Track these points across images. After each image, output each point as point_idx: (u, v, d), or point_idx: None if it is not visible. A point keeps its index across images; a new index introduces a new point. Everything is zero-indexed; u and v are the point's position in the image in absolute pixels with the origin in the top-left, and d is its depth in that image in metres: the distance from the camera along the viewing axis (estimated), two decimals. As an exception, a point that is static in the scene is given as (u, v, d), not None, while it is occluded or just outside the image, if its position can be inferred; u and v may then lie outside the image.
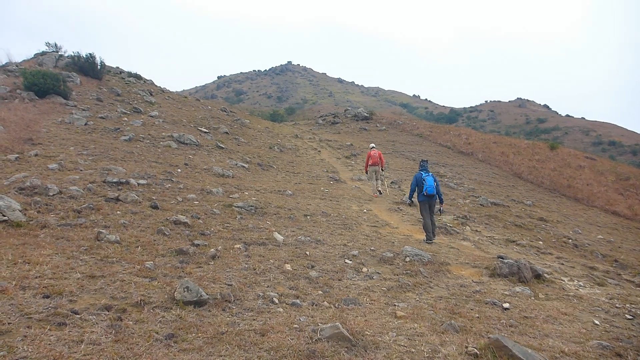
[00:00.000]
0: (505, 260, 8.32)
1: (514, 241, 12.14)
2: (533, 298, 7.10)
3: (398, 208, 14.27)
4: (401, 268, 7.92)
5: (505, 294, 7.13)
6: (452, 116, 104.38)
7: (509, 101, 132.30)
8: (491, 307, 6.37)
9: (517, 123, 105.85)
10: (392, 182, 18.69)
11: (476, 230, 12.68)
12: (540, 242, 12.70)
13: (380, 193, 16.43)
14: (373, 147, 17.27)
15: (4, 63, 25.38)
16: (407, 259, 8.32)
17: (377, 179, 16.62)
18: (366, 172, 17.11)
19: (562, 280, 8.66)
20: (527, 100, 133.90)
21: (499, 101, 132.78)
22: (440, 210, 11.26)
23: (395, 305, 6.11)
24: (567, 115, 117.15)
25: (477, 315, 5.95)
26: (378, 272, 7.59)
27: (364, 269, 7.69)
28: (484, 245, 11.20)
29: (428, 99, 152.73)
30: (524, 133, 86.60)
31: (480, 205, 16.08)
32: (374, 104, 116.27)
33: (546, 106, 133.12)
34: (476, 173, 23.71)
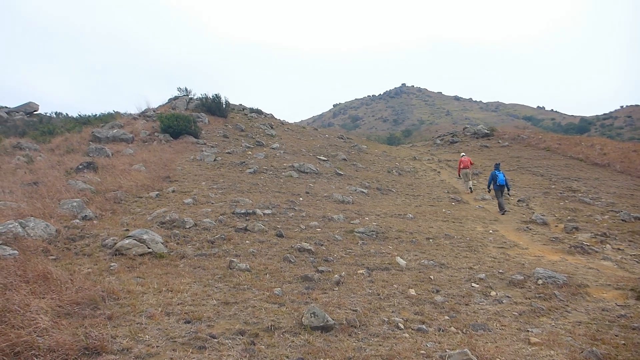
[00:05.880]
0: (656, 281, 7.49)
1: (665, 259, 10.88)
2: (692, 323, 6.30)
3: (527, 227, 13.48)
4: (533, 291, 7.45)
5: (658, 318, 6.41)
6: (582, 126, 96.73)
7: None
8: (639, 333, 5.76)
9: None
10: (519, 200, 17.75)
11: (618, 249, 11.55)
12: (699, 260, 11.26)
13: (472, 190, 19.95)
14: (464, 155, 21.59)
15: (143, 110, 28.31)
16: (540, 282, 7.81)
17: (468, 179, 20.47)
18: (459, 175, 21.24)
19: None
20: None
21: (638, 105, 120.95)
22: (508, 194, 16.92)
23: (528, 330, 5.76)
24: None
25: (623, 342, 5.41)
26: (508, 296, 7.22)
27: (493, 293, 7.35)
28: (628, 264, 10.17)
29: (554, 110, 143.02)
30: (671, 138, 77.71)
31: (622, 220, 14.65)
32: (495, 119, 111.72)
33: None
34: (615, 186, 21.70)
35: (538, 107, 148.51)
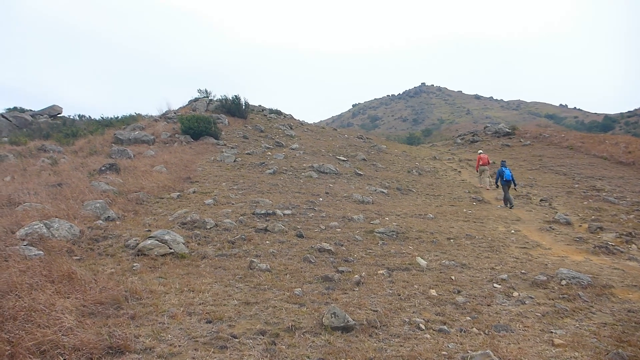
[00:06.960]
0: (684, 282, 7.32)
1: (693, 260, 10.61)
2: None
3: (550, 227, 13.28)
4: (557, 292, 7.34)
5: (686, 320, 6.25)
6: (606, 123, 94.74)
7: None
8: (669, 336, 5.62)
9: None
10: (541, 200, 17.50)
11: (645, 249, 11.32)
12: None
13: (481, 184, 21.16)
14: (481, 152, 22.34)
15: (164, 111, 28.61)
16: (563, 282, 7.68)
17: (486, 176, 21.26)
18: (477, 171, 21.99)
19: None
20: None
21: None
22: (515, 188, 17.75)
23: (551, 332, 5.67)
24: None
25: (651, 344, 5.29)
26: (531, 297, 7.11)
27: (515, 294, 7.25)
28: (655, 265, 9.95)
29: (577, 107, 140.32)
30: (700, 136, 75.61)
31: (648, 220, 14.36)
32: (516, 117, 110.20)
33: None
34: (640, 184, 21.29)
35: (560, 105, 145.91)
